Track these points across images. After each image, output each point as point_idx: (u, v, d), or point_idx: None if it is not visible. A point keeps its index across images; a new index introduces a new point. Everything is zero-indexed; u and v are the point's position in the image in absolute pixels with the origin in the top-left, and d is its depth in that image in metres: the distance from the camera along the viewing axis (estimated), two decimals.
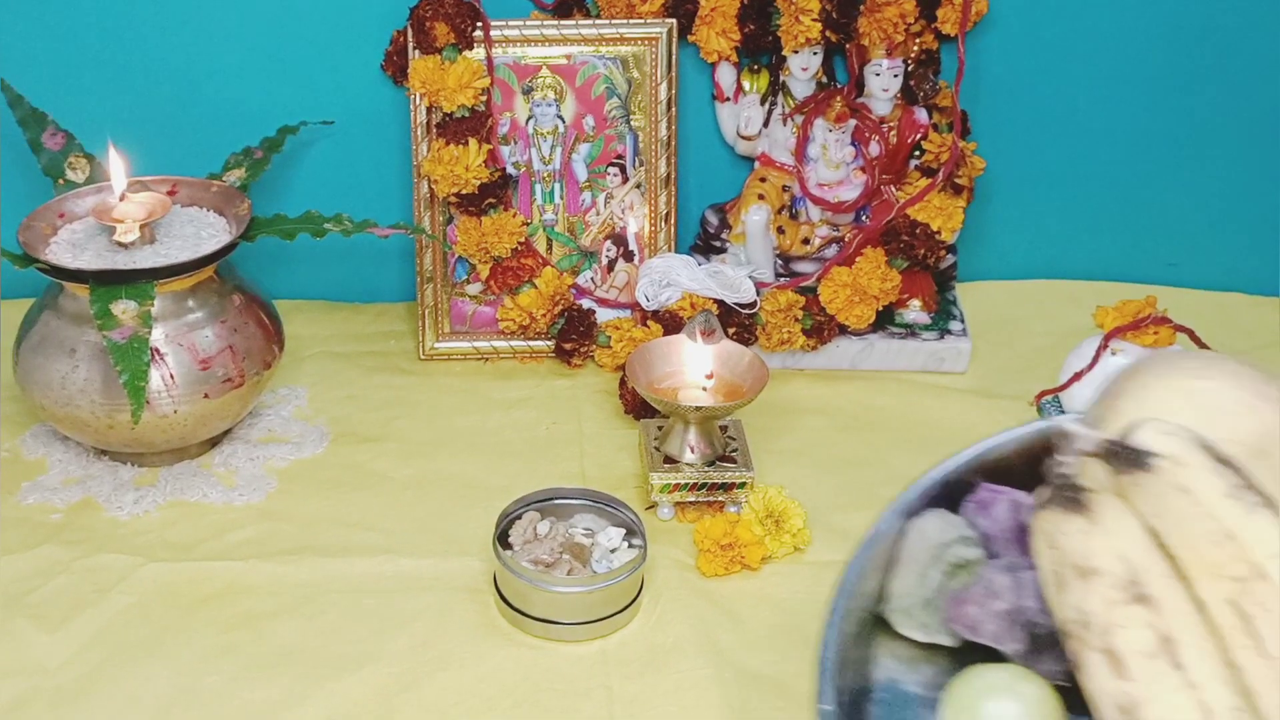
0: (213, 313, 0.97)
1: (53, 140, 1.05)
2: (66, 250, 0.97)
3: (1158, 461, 0.57)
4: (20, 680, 0.83)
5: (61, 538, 0.94)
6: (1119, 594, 0.57)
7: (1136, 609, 0.57)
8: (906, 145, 1.14)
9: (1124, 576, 0.57)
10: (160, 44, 1.12)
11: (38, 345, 0.96)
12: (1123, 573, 0.57)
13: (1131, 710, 0.56)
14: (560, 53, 1.11)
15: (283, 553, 0.93)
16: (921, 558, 0.68)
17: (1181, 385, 0.63)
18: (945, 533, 0.69)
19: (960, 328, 1.15)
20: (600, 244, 1.16)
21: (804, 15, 1.09)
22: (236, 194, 1.02)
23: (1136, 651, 0.56)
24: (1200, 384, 0.63)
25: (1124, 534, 0.58)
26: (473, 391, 1.11)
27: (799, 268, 1.17)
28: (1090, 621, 0.58)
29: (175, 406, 0.95)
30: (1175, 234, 1.24)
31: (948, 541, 0.68)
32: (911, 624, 0.68)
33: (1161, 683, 0.56)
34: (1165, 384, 0.63)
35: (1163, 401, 0.62)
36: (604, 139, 1.13)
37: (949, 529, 0.69)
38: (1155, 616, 0.56)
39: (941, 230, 1.12)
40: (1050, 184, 1.22)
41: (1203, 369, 0.64)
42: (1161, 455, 0.57)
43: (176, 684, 0.83)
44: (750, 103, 1.16)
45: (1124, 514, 0.58)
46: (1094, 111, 1.19)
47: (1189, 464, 0.57)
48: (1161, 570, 0.57)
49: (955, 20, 1.10)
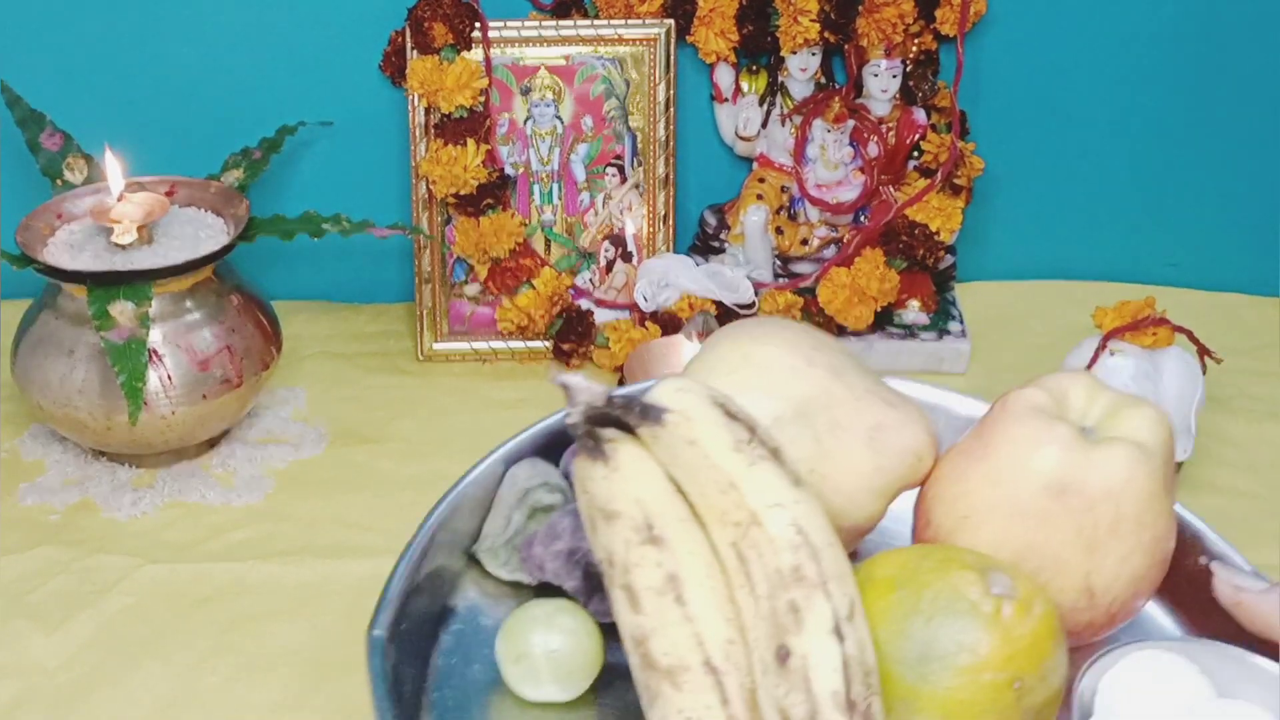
0: (211, 313, 0.97)
1: (50, 141, 1.05)
2: (64, 251, 0.97)
3: (668, 416, 0.62)
4: (18, 681, 0.83)
5: (60, 538, 0.94)
6: (635, 535, 0.61)
7: (649, 549, 0.61)
8: (905, 146, 1.13)
9: (640, 520, 0.61)
10: (158, 44, 1.12)
11: (35, 346, 0.96)
12: (639, 516, 0.61)
13: (642, 641, 0.60)
14: (558, 53, 1.11)
15: (281, 553, 0.93)
16: (509, 501, 0.74)
17: (741, 349, 0.69)
18: (532, 479, 0.74)
19: (959, 328, 1.15)
20: (599, 245, 1.16)
21: (802, 16, 1.09)
22: (235, 194, 1.02)
23: (647, 588, 0.60)
24: (757, 349, 0.69)
25: (642, 480, 0.62)
26: (471, 392, 1.11)
27: (797, 268, 1.17)
28: (614, 560, 0.62)
29: (173, 407, 0.95)
30: (1175, 234, 1.24)
31: (533, 486, 0.74)
32: (497, 563, 0.73)
33: (665, 616, 0.60)
34: (728, 347, 0.70)
35: (723, 363, 0.69)
36: (602, 139, 1.13)
37: (536, 475, 0.74)
38: (665, 556, 0.61)
39: (940, 231, 1.12)
40: (1049, 184, 1.22)
41: (763, 335, 0.70)
42: (671, 410, 0.62)
43: (175, 685, 0.83)
44: (749, 103, 1.16)
45: (646, 462, 0.62)
46: (1093, 111, 1.19)
47: (697, 419, 0.61)
48: (679, 515, 0.62)
49: (954, 21, 1.10)
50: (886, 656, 0.60)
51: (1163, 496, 0.66)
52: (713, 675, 0.59)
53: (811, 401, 0.68)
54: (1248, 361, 1.14)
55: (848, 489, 0.67)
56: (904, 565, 0.63)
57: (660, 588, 0.61)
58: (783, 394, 0.68)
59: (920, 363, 1.13)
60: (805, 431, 0.67)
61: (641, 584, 0.61)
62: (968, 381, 1.13)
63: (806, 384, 0.68)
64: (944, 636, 0.59)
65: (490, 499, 0.75)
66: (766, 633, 0.59)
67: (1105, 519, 0.64)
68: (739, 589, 0.61)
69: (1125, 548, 0.65)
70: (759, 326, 0.72)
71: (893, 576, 0.62)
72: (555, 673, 0.67)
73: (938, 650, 0.59)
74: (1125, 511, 0.65)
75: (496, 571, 0.74)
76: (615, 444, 0.63)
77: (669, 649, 0.60)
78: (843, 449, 0.67)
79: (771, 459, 0.62)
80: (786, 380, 0.68)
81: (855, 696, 0.57)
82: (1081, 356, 1.00)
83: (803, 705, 0.57)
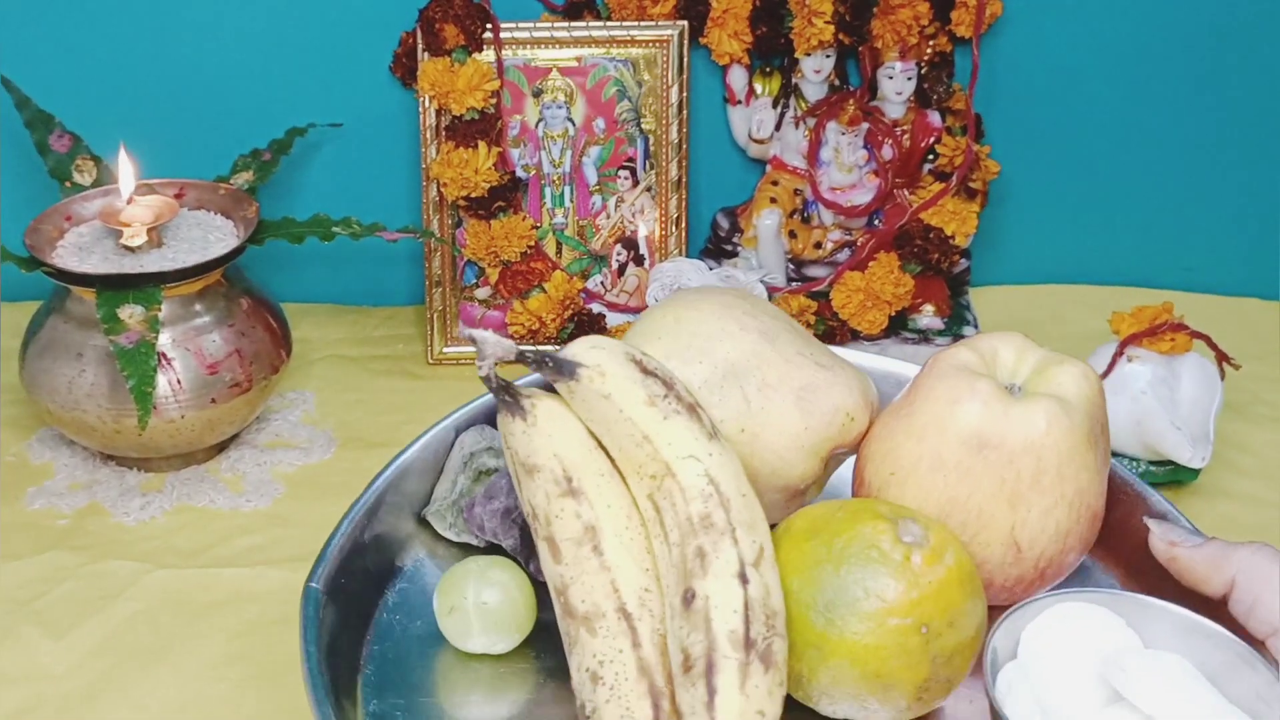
0: (220, 317, 0.97)
1: (59, 142, 1.04)
2: (73, 254, 0.96)
3: (582, 370, 0.64)
4: (26, 687, 0.82)
5: (68, 543, 0.93)
6: (555, 488, 0.64)
7: (568, 501, 0.63)
8: (920, 149, 1.13)
9: (559, 473, 0.64)
10: (167, 46, 1.12)
11: (44, 349, 0.96)
12: (558, 469, 0.64)
13: (563, 591, 0.63)
14: (570, 55, 1.10)
15: (291, 559, 0.92)
16: (456, 465, 0.77)
17: (673, 313, 0.71)
18: (478, 443, 0.77)
19: (974, 333, 1.14)
20: (610, 248, 1.15)
21: (817, 18, 1.08)
22: (244, 197, 1.02)
23: (566, 539, 0.63)
24: (688, 313, 0.71)
25: (560, 434, 0.65)
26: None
27: (811, 272, 1.16)
28: (537, 513, 0.65)
29: (182, 411, 0.94)
30: (1192, 239, 1.23)
31: (478, 450, 0.77)
32: (444, 525, 0.76)
33: (583, 565, 0.63)
34: (661, 313, 0.72)
35: (656, 327, 0.71)
36: (614, 142, 1.12)
37: (482, 440, 0.77)
38: (583, 508, 0.63)
39: (955, 235, 1.11)
40: (1065, 188, 1.21)
41: (696, 300, 0.72)
42: (585, 365, 0.64)
43: (184, 691, 0.82)
44: (762, 105, 1.15)
45: (565, 416, 0.65)
46: (1109, 115, 1.18)
47: (611, 374, 0.64)
48: (598, 468, 0.64)
49: (969, 22, 1.09)
50: (799, 603, 0.62)
51: (1085, 450, 0.66)
52: (625, 621, 0.61)
53: (742, 363, 0.69)
54: (1264, 367, 1.13)
55: (778, 447, 0.69)
56: (819, 516, 0.65)
57: (579, 538, 0.63)
58: (713, 356, 0.69)
59: None
60: (735, 392, 0.69)
61: (561, 535, 0.63)
62: None
63: (737, 346, 0.70)
64: (853, 583, 0.61)
65: (441, 464, 0.78)
66: (676, 579, 0.61)
67: (1026, 472, 0.65)
68: (656, 539, 0.63)
69: (1048, 501, 0.66)
70: (694, 294, 0.74)
71: (808, 527, 0.64)
72: (485, 624, 0.69)
73: (846, 596, 0.61)
74: (1046, 465, 0.65)
75: (445, 533, 0.76)
76: (534, 399, 0.65)
77: (586, 596, 0.62)
78: (772, 408, 0.69)
79: (687, 413, 0.64)
80: (717, 343, 0.70)
81: (754, 635, 0.58)
82: (1098, 362, 0.99)
83: (701, 644, 0.58)
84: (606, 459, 0.65)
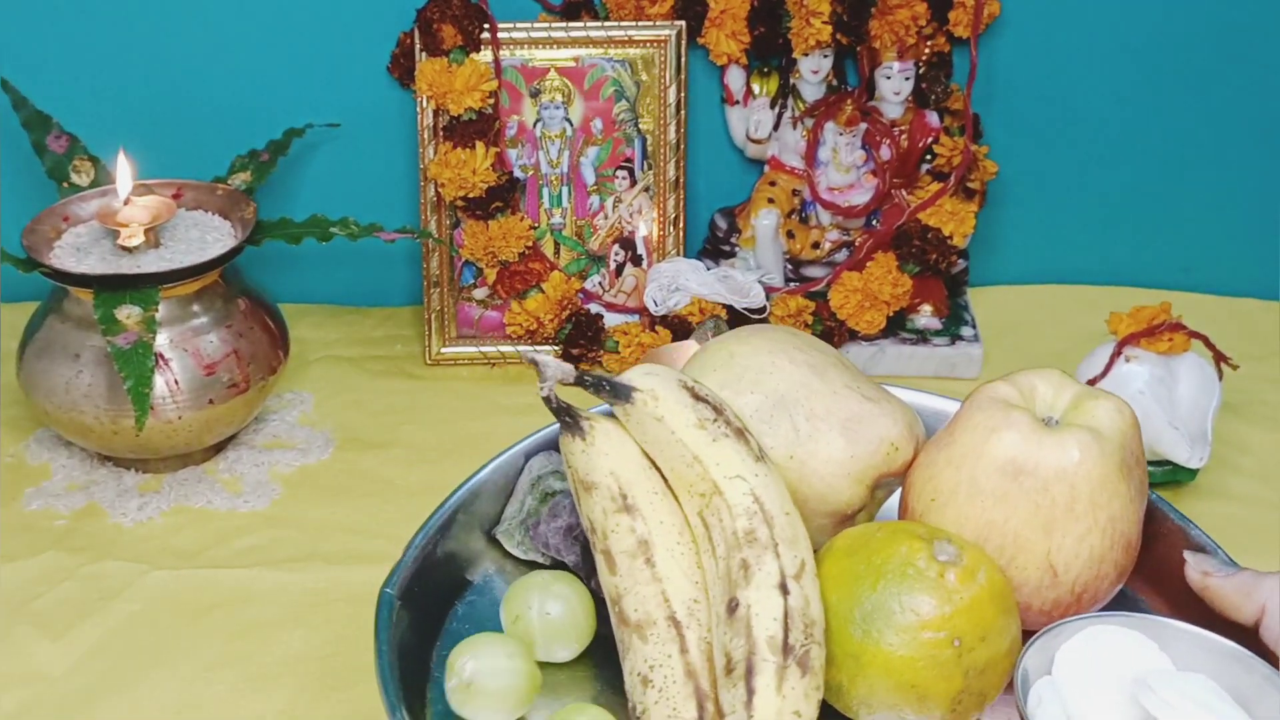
0: (218, 318, 0.97)
1: (57, 143, 1.04)
2: (70, 254, 0.96)
3: (637, 395, 0.69)
4: (23, 689, 0.82)
5: (65, 544, 0.93)
6: (611, 504, 0.68)
7: (623, 517, 0.68)
8: (918, 149, 1.13)
9: (615, 490, 0.69)
10: (165, 46, 1.12)
11: (42, 350, 0.95)
12: (614, 487, 0.69)
13: (618, 600, 0.68)
14: (568, 55, 1.10)
15: (288, 560, 0.92)
16: (524, 487, 0.81)
17: (727, 349, 0.76)
18: (545, 467, 0.81)
19: (972, 333, 1.14)
20: (608, 248, 1.15)
21: (814, 18, 1.08)
22: (242, 197, 1.02)
23: (621, 552, 0.68)
24: (741, 348, 0.75)
25: (617, 454, 0.69)
26: (480, 397, 1.10)
27: (809, 272, 1.16)
28: (594, 527, 0.69)
29: (180, 412, 0.94)
30: (1190, 239, 1.23)
31: (545, 473, 0.81)
32: (513, 543, 0.80)
33: (636, 576, 0.67)
34: (717, 346, 0.76)
35: (710, 360, 0.76)
36: (612, 142, 1.12)
37: (549, 464, 0.82)
38: (637, 523, 0.68)
39: (953, 235, 1.11)
40: (1063, 188, 1.21)
41: (749, 336, 0.77)
42: (640, 390, 0.69)
43: (181, 693, 0.82)
44: (760, 106, 1.15)
45: (621, 437, 0.70)
46: (1107, 115, 1.18)
47: (664, 398, 0.69)
48: (652, 486, 0.69)
49: (967, 23, 1.09)
50: (838, 615, 0.65)
51: (1118, 480, 0.69)
52: (675, 628, 0.66)
53: (791, 395, 0.73)
54: (1262, 368, 1.13)
55: (825, 474, 0.72)
56: (859, 536, 0.69)
57: (633, 551, 0.67)
58: (764, 388, 0.73)
59: (933, 368, 1.13)
60: (784, 421, 0.73)
61: (617, 548, 0.68)
62: None
63: (787, 379, 0.74)
64: (889, 598, 0.65)
65: (511, 487, 0.82)
66: (722, 590, 0.65)
67: (1060, 499, 0.69)
68: (704, 554, 0.67)
69: (1082, 527, 0.69)
70: (747, 331, 0.78)
71: (848, 546, 0.68)
72: (548, 635, 0.73)
73: (883, 610, 0.65)
74: (1079, 492, 0.69)
75: (513, 551, 0.80)
76: (592, 421, 0.70)
77: (638, 605, 0.67)
78: (820, 437, 0.73)
79: (735, 437, 0.68)
80: (768, 375, 0.74)
81: (793, 642, 0.62)
82: (1096, 362, 0.99)
83: (742, 648, 0.62)
84: (659, 478, 0.70)
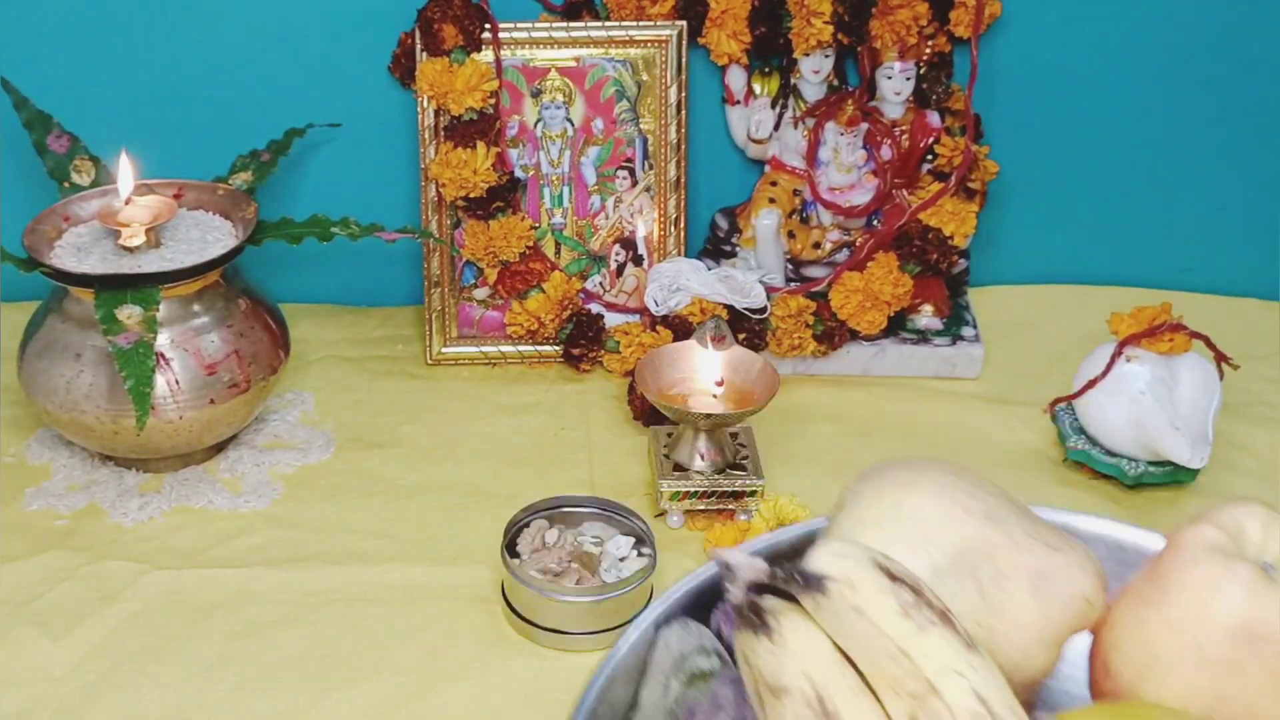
0: (219, 317, 0.97)
1: (58, 143, 1.04)
2: (71, 254, 0.96)
3: (831, 584, 0.60)
4: (24, 689, 0.82)
5: (66, 544, 0.93)
6: (807, 710, 0.60)
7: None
8: (919, 149, 1.13)
9: (811, 694, 0.60)
10: (166, 46, 1.11)
11: (42, 350, 0.95)
12: (809, 690, 0.60)
13: None
14: (569, 55, 1.10)
15: (289, 560, 0.92)
16: (665, 667, 0.71)
17: (889, 500, 0.67)
18: (686, 642, 0.71)
19: (973, 333, 1.14)
20: (609, 248, 1.15)
21: (815, 18, 1.08)
22: (243, 197, 1.02)
23: None
24: (906, 498, 0.67)
25: (809, 652, 0.60)
26: (480, 397, 1.10)
27: (810, 272, 1.16)
28: None
29: (180, 412, 0.94)
30: (1190, 238, 1.23)
31: (688, 652, 0.70)
32: None
33: None
34: (876, 499, 0.67)
35: (873, 517, 0.67)
36: (613, 142, 1.12)
37: (689, 638, 0.71)
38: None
39: (954, 235, 1.11)
40: (1064, 188, 1.21)
41: (911, 482, 0.67)
42: (834, 578, 0.60)
43: (182, 693, 0.82)
44: (761, 106, 1.15)
45: (812, 632, 0.61)
46: (1108, 115, 1.18)
47: (861, 585, 0.60)
48: (850, 685, 0.60)
49: (968, 22, 1.09)
50: None
51: None
52: None
53: (970, 551, 0.65)
54: (1263, 367, 1.13)
55: (1018, 641, 0.65)
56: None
57: None
58: (939, 544, 0.65)
59: (933, 368, 1.13)
60: (968, 583, 0.65)
61: None
62: (981, 387, 1.12)
63: (963, 532, 0.66)
64: None
65: (643, 664, 0.72)
66: None
67: None
68: None
69: None
70: (904, 473, 0.69)
71: None
72: None
73: None
74: None
75: None
76: (778, 615, 0.61)
77: None
78: (1009, 600, 0.65)
79: (942, 622, 0.60)
80: (941, 529, 0.66)
81: None
82: (1097, 362, 0.99)
83: None
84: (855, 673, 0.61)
